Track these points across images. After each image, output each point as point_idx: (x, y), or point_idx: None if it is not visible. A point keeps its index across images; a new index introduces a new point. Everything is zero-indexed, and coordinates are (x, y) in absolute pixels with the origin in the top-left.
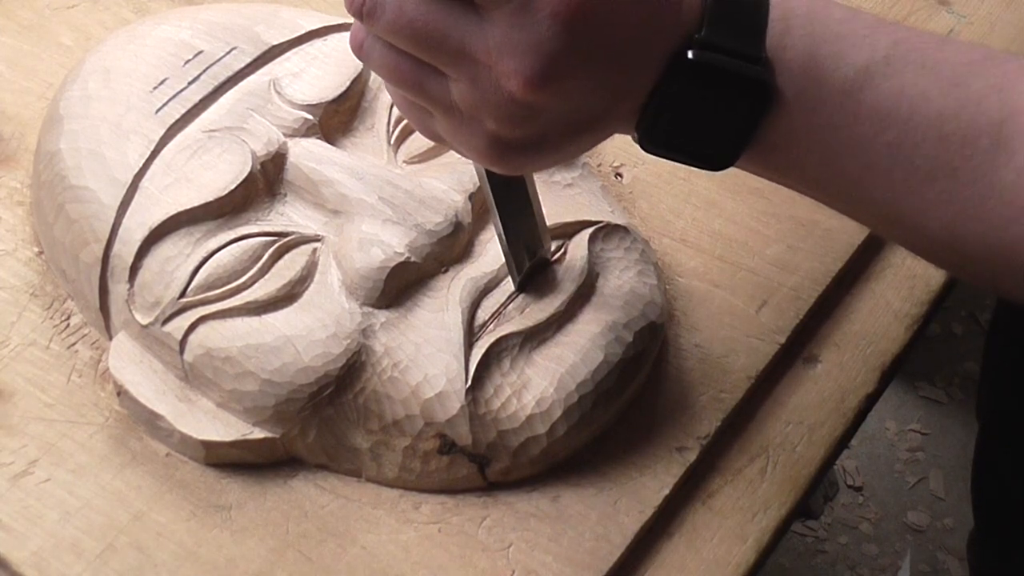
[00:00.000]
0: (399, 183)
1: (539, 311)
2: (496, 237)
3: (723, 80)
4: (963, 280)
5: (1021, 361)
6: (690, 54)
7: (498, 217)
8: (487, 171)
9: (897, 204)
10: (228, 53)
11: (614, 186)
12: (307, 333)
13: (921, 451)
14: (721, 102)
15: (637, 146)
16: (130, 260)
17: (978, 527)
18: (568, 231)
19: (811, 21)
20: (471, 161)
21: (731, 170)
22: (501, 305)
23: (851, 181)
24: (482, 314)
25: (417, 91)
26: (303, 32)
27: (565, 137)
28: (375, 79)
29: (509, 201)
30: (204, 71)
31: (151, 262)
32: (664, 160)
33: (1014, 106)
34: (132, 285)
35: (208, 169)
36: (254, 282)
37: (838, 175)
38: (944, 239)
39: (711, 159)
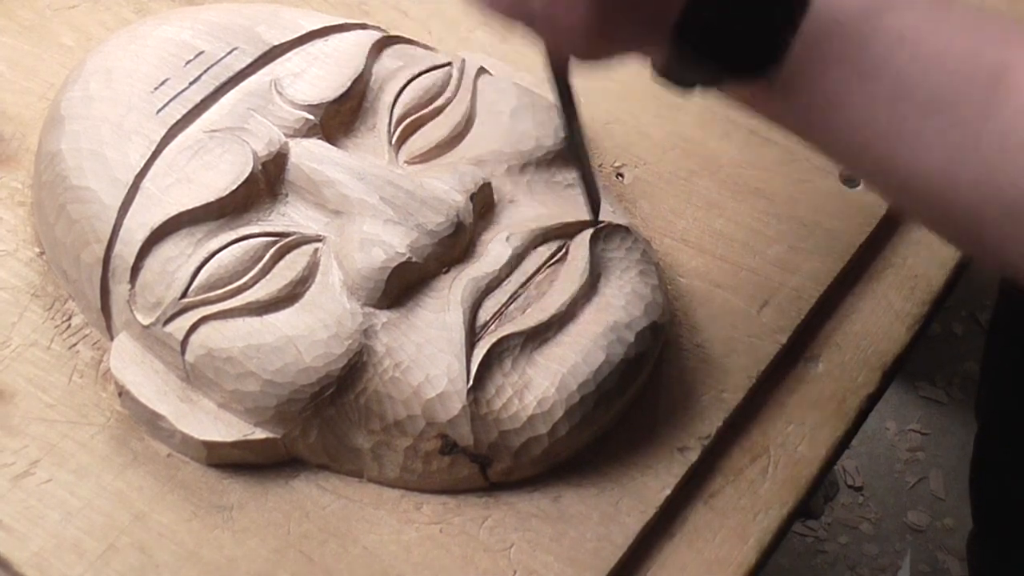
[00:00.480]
0: (400, 183)
1: (541, 311)
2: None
3: None
4: (948, 240)
5: (1021, 361)
6: None
7: (582, 148)
8: (568, 92)
9: (895, 142)
10: (229, 53)
11: (615, 186)
12: (308, 333)
13: (921, 451)
14: (754, 9)
15: (638, 146)
16: (131, 260)
17: (977, 527)
18: (570, 231)
19: None
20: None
21: (732, 171)
22: (503, 305)
23: (856, 114)
24: (483, 314)
25: None
26: (304, 32)
27: (638, 13)
28: (376, 79)
29: (579, 132)
30: (205, 71)
31: (152, 262)
32: (665, 160)
33: (1015, 58)
34: (133, 285)
35: (209, 169)
36: (255, 282)
37: (844, 105)
38: (936, 184)
39: (747, 61)
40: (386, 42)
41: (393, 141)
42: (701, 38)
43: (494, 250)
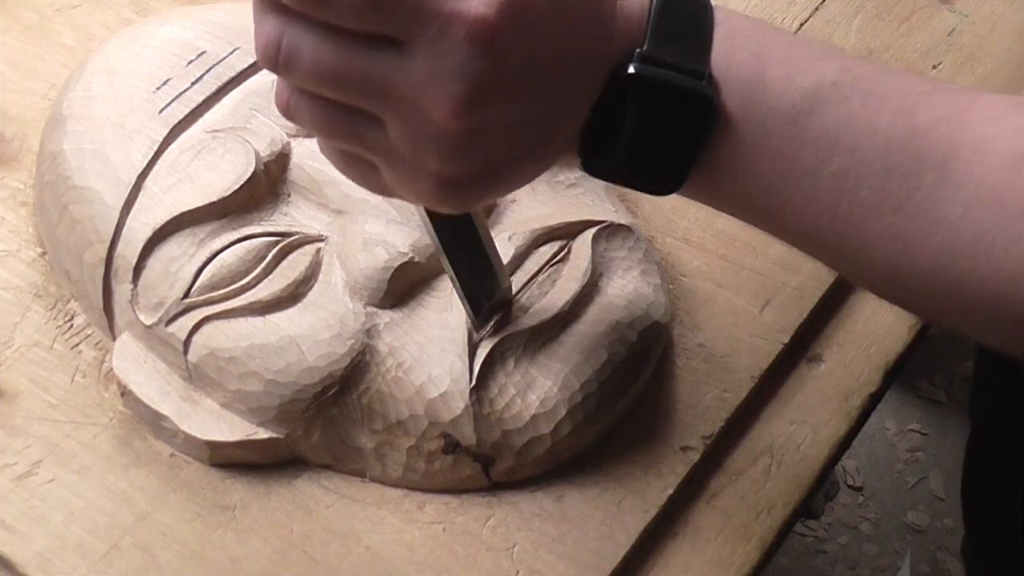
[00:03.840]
0: None
1: (543, 311)
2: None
3: (666, 95)
4: (909, 312)
5: (1011, 367)
6: (631, 68)
7: (449, 264)
8: (432, 218)
9: (841, 237)
10: (231, 53)
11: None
12: (311, 333)
13: (921, 451)
14: (665, 119)
15: None
16: (134, 260)
17: (970, 533)
18: (571, 231)
19: (758, 43)
20: (414, 209)
21: None
22: None
23: (795, 212)
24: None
25: (354, 141)
26: None
27: (509, 165)
28: None
29: (459, 246)
30: (207, 71)
31: (155, 262)
32: None
33: (962, 139)
34: (136, 285)
35: (211, 169)
36: (258, 282)
37: (783, 204)
38: (889, 273)
39: (656, 182)
40: None
41: None
42: (606, 166)
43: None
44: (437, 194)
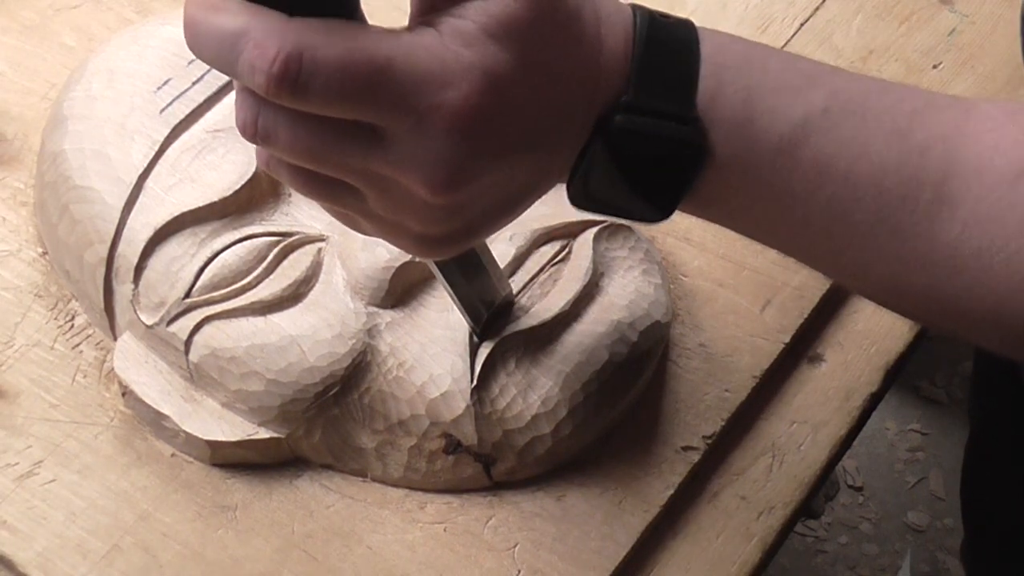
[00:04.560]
0: None
1: (544, 311)
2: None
3: (653, 143)
4: (909, 320)
5: (1011, 364)
6: (617, 118)
7: (445, 282)
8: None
9: (838, 257)
10: None
11: None
12: (312, 333)
13: (921, 451)
14: (652, 164)
15: None
16: (135, 260)
17: (969, 534)
18: (572, 230)
19: (745, 75)
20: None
21: None
22: None
23: (790, 235)
24: None
25: (335, 203)
26: None
27: (493, 219)
28: None
29: (454, 263)
30: (208, 71)
31: (156, 262)
32: None
33: (958, 156)
34: (137, 285)
35: (212, 169)
36: (259, 282)
37: (776, 230)
38: (887, 288)
39: (644, 217)
40: None
41: None
42: (595, 197)
43: (497, 250)
44: (421, 249)
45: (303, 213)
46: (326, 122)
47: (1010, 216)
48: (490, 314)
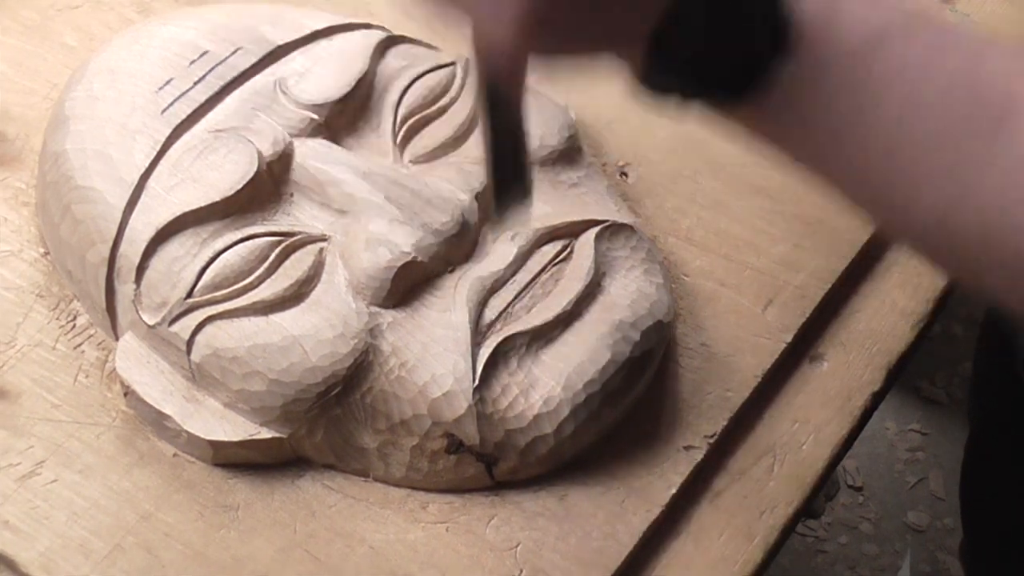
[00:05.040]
0: (405, 183)
1: (546, 310)
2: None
3: (742, 10)
4: (948, 275)
5: (1010, 365)
6: None
7: (489, 132)
8: (487, 88)
9: (896, 176)
10: (233, 53)
11: (619, 185)
12: (314, 333)
13: (921, 451)
14: (738, 34)
15: (643, 145)
16: (137, 260)
17: (968, 535)
18: (574, 230)
19: None
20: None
21: (736, 170)
22: (508, 304)
23: (853, 148)
24: (489, 313)
25: None
26: (308, 32)
27: (587, 9)
28: (380, 78)
29: (502, 120)
30: (210, 71)
31: (158, 262)
32: (670, 159)
33: (1020, 95)
34: (139, 285)
35: (214, 169)
36: (261, 282)
37: (841, 138)
38: (935, 222)
39: (718, 91)
40: (390, 42)
41: (398, 140)
42: (678, 51)
43: (499, 249)
44: (520, 16)
45: (305, 213)
46: None
47: None
48: (509, 195)
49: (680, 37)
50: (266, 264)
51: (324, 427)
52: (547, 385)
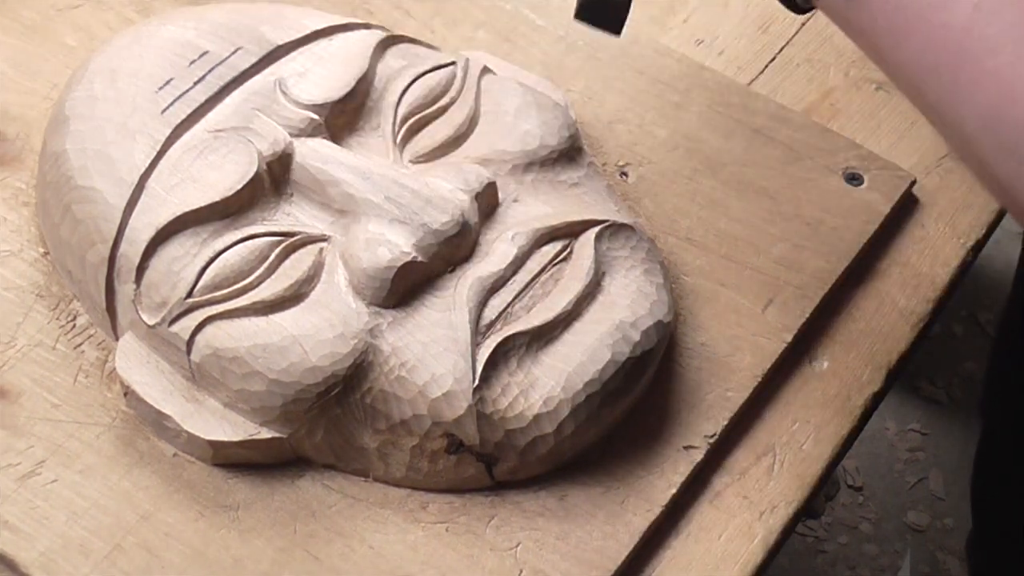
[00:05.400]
0: (405, 183)
1: (546, 310)
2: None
3: None
4: (984, 185)
5: None
6: None
7: None
8: None
9: (959, 69)
10: (233, 53)
11: (619, 185)
12: (314, 333)
13: (921, 451)
14: None
15: (643, 146)
16: (137, 260)
17: (976, 527)
18: (574, 230)
19: None
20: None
21: (736, 170)
22: (508, 304)
23: (925, 36)
24: (489, 313)
25: None
26: (308, 32)
27: None
28: (380, 78)
29: None
30: (210, 71)
31: (158, 262)
32: (669, 159)
33: None
34: (139, 285)
35: (214, 169)
36: (261, 282)
37: (915, 25)
38: (990, 116)
39: None
40: (390, 42)
41: (397, 140)
42: None
43: (499, 249)
44: None
45: (305, 213)
46: None
47: None
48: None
49: None
50: (266, 264)
51: (324, 427)
52: (547, 385)
